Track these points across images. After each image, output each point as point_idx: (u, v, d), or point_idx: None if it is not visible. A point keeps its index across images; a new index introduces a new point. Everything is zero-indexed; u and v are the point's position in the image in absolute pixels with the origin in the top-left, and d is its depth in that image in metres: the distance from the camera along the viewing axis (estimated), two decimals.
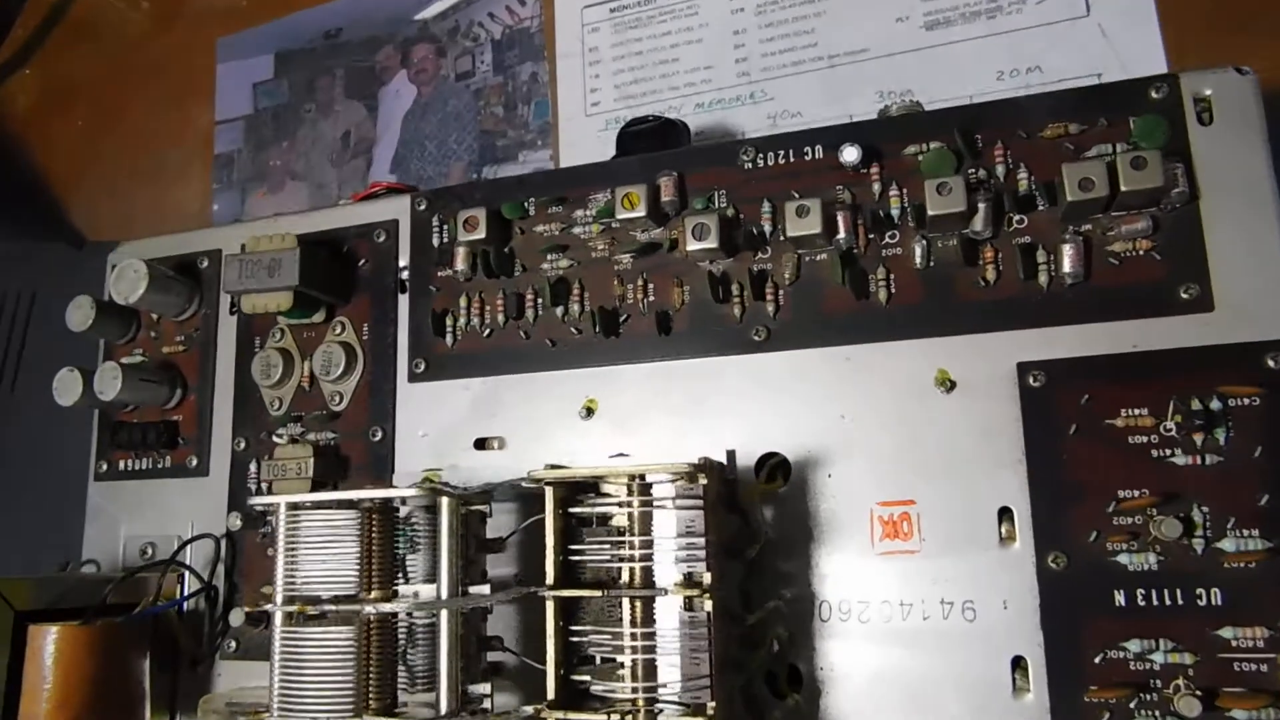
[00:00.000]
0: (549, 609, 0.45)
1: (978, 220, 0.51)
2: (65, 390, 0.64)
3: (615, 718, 0.42)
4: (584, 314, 0.57)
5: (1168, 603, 0.46)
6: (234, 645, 0.61)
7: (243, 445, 0.64)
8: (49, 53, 1.03)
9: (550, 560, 0.46)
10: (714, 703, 0.42)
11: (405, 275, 0.63)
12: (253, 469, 0.63)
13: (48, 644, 0.53)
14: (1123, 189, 0.47)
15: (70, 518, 0.68)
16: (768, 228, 0.55)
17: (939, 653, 0.49)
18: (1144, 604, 0.46)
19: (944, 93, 0.68)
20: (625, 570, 0.45)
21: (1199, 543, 0.46)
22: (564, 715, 0.44)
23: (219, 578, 0.62)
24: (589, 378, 0.57)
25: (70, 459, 0.70)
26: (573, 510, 0.47)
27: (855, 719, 0.49)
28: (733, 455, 0.53)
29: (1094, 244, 0.50)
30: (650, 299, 0.57)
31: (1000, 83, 0.67)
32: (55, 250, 0.88)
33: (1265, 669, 0.44)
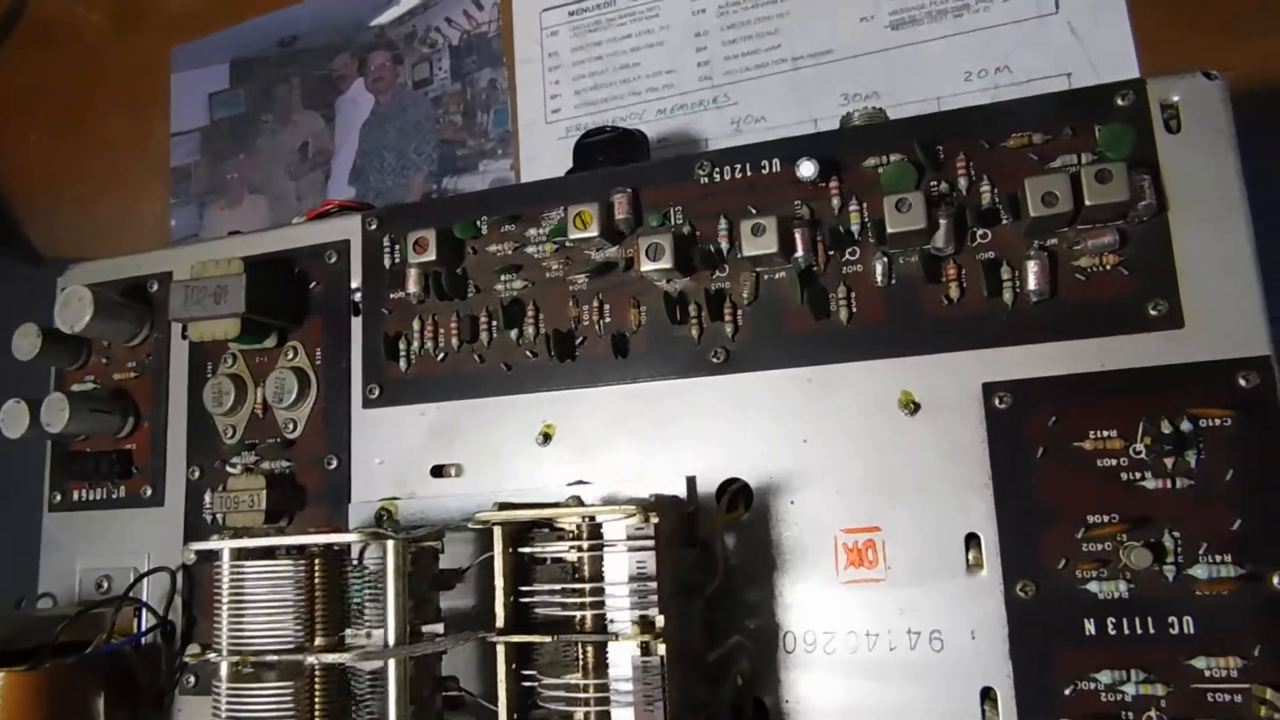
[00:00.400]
0: (500, 654, 0.44)
1: (939, 236, 0.49)
2: (11, 422, 0.63)
3: None
4: (539, 336, 0.56)
5: (1139, 632, 0.45)
6: (193, 681, 0.60)
7: (197, 474, 0.63)
8: (2, 63, 1.00)
9: (500, 603, 0.44)
10: None
11: (358, 297, 0.61)
12: (207, 499, 0.62)
13: None
14: (1087, 203, 0.46)
15: (26, 550, 0.67)
16: (725, 245, 0.53)
17: (907, 684, 0.47)
18: (1115, 633, 0.45)
19: (911, 94, 0.66)
20: (577, 615, 0.43)
21: (1170, 570, 0.45)
22: None
23: (176, 611, 0.61)
24: (546, 402, 0.56)
25: (24, 488, 0.68)
26: (522, 550, 0.46)
27: None
28: (693, 482, 0.52)
29: (1060, 259, 0.48)
30: (606, 320, 0.55)
31: (968, 83, 0.65)
32: (10, 268, 0.86)
33: (1239, 699, 0.43)
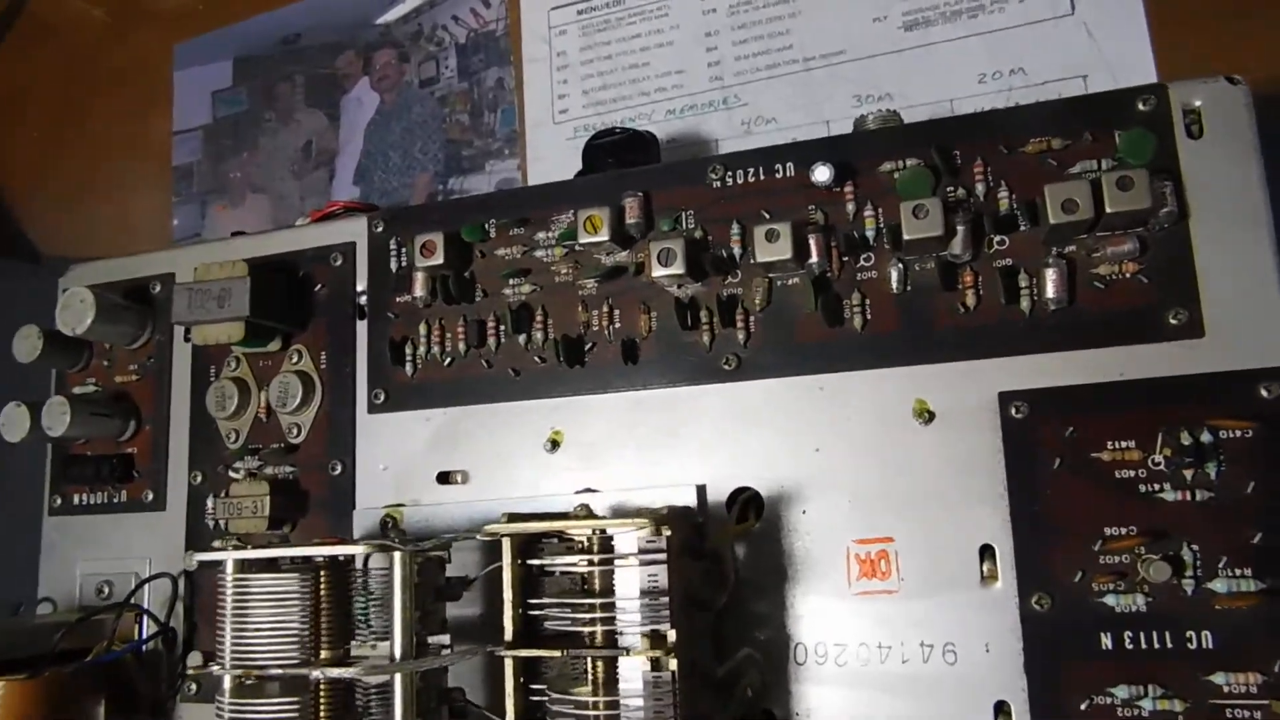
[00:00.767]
0: (508, 668, 0.43)
1: (956, 243, 0.48)
2: (12, 426, 0.62)
3: None
4: (547, 342, 0.55)
5: (1156, 646, 0.44)
6: (194, 688, 0.59)
7: (199, 479, 0.62)
8: (1, 57, 0.99)
9: (509, 616, 0.44)
10: None
11: (363, 301, 0.60)
12: (210, 505, 0.61)
13: None
14: (1108, 210, 0.45)
15: (25, 554, 0.66)
16: (737, 250, 0.52)
17: (919, 697, 0.47)
18: (1132, 647, 0.44)
19: (924, 96, 0.65)
20: (586, 630, 0.43)
21: (1189, 583, 0.44)
22: None
23: (178, 618, 0.60)
24: (554, 408, 0.55)
25: (24, 492, 0.67)
26: (530, 562, 0.45)
27: None
28: (703, 490, 0.51)
29: (1078, 266, 0.47)
30: (616, 326, 0.54)
31: (982, 85, 0.64)
32: (10, 268, 0.85)
33: (1259, 716, 0.43)
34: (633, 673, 0.42)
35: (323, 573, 0.44)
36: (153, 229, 0.87)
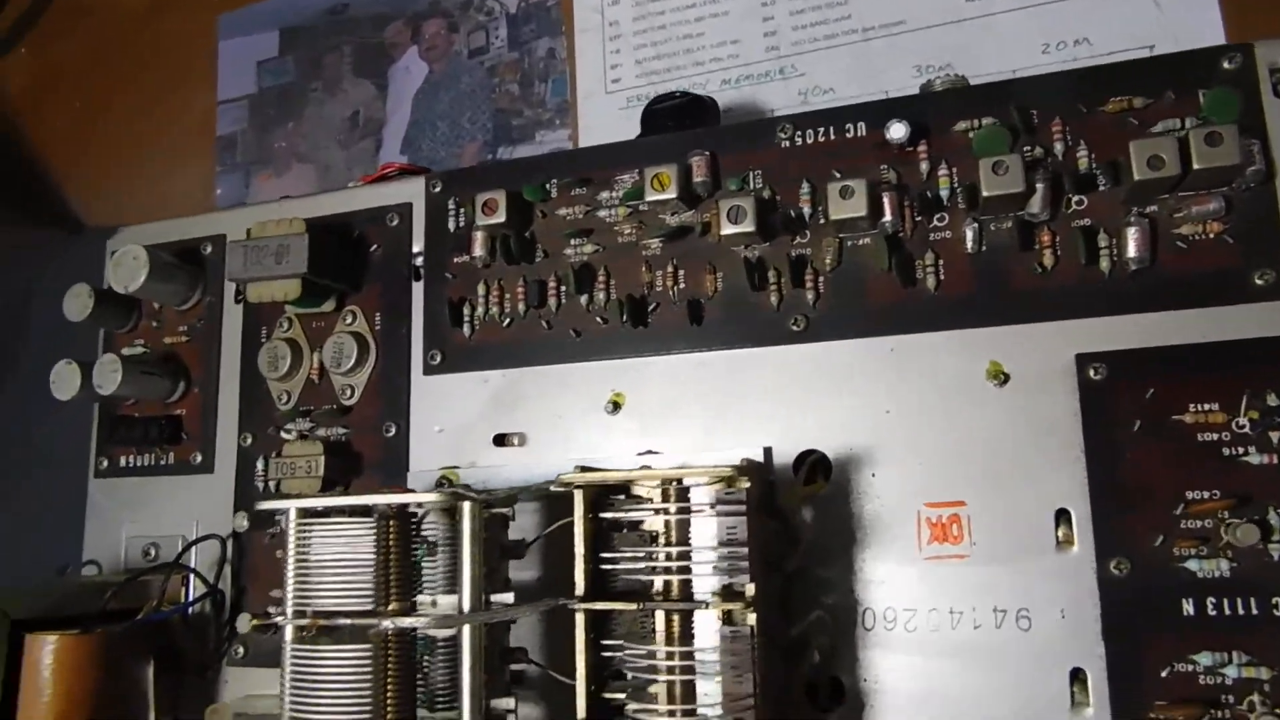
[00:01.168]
0: (579, 622, 0.42)
1: (1035, 202, 0.47)
2: (63, 384, 0.61)
3: None
4: (610, 302, 0.54)
5: (1241, 613, 0.43)
6: (241, 651, 0.58)
7: (249, 441, 0.61)
8: (44, 30, 0.99)
9: (580, 570, 0.43)
10: None
11: (419, 262, 0.59)
12: (260, 466, 0.60)
13: (46, 654, 0.50)
14: (1196, 167, 0.44)
15: (70, 517, 0.65)
16: (806, 210, 0.52)
17: (991, 665, 0.46)
18: (1215, 614, 0.43)
19: (985, 67, 0.64)
20: (660, 581, 0.42)
21: (1276, 548, 0.43)
22: None
23: (225, 580, 0.60)
24: (615, 370, 0.54)
25: (69, 455, 0.67)
26: (603, 515, 0.44)
27: None
28: (769, 453, 0.50)
29: (1160, 226, 0.46)
30: (681, 286, 0.53)
31: (1046, 55, 0.64)
32: (51, 236, 0.85)
33: None
34: (708, 627, 0.41)
35: (390, 522, 0.44)
36: (196, 198, 0.87)
